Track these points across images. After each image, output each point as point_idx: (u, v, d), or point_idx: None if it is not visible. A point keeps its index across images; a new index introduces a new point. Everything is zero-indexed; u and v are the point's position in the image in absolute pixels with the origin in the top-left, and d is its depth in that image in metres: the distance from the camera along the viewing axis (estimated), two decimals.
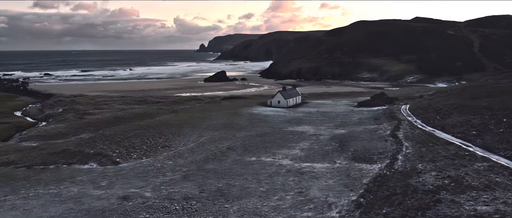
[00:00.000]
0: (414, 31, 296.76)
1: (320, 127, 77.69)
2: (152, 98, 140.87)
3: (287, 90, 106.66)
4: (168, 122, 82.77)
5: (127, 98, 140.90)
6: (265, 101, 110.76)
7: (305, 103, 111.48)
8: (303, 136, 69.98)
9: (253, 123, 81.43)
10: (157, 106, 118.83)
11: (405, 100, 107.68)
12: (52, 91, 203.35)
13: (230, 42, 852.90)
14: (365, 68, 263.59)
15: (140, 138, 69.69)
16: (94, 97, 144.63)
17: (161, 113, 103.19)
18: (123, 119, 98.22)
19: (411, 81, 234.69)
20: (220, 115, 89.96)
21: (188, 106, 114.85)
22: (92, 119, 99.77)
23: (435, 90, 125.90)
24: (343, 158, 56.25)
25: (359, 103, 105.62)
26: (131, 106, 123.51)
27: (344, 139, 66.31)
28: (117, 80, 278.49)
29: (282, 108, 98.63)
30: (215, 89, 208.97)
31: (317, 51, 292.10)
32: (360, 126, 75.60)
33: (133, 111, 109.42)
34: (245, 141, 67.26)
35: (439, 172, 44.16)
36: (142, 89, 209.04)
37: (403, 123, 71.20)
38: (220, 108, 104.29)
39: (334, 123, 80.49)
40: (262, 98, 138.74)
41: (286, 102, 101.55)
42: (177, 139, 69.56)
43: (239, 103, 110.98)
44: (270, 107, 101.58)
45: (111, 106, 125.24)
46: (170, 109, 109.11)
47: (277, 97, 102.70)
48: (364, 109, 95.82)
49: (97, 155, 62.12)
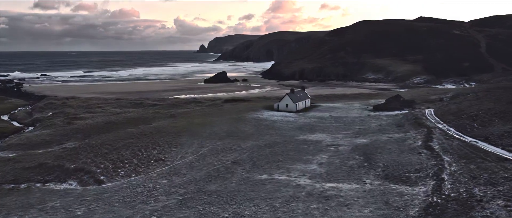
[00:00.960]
0: (419, 31, 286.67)
1: (337, 135, 67.35)
2: (149, 100, 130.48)
3: (296, 93, 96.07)
4: (164, 129, 72.38)
5: (122, 100, 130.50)
6: (271, 105, 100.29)
7: (314, 106, 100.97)
8: (320, 147, 59.64)
9: (260, 130, 71.04)
10: (153, 109, 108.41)
11: (424, 103, 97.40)
12: (46, 92, 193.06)
13: (230, 43, 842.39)
14: (369, 68, 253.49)
15: (131, 150, 59.30)
16: (88, 100, 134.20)
17: (158, 118, 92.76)
18: (115, 124, 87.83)
19: (418, 82, 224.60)
20: (223, 120, 79.55)
21: (187, 110, 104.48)
22: (81, 125, 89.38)
23: (453, 92, 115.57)
24: (373, 176, 45.92)
25: (375, 107, 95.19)
26: (125, 109, 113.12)
27: (369, 151, 56.01)
28: (115, 81, 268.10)
29: (290, 113, 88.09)
30: (215, 90, 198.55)
31: (320, 51, 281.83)
32: (383, 135, 65.29)
33: (127, 115, 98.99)
34: (253, 153, 56.90)
35: (508, 201, 33.91)
36: (139, 90, 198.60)
37: (435, 132, 60.82)
38: (222, 112, 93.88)
39: (352, 131, 70.14)
40: (267, 100, 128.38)
41: (295, 105, 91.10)
42: (173, 150, 59.15)
43: (243, 107, 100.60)
44: (277, 111, 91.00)
45: (105, 110, 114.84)
46: (168, 113, 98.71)
47: (285, 100, 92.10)
48: (382, 113, 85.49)
49: (78, 171, 51.71)
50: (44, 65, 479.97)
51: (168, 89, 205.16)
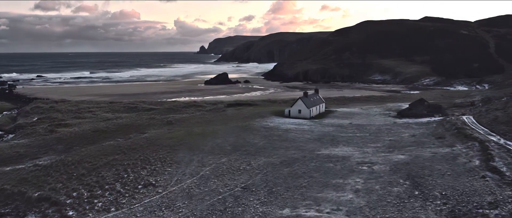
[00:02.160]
0: (426, 31, 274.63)
1: (366, 149, 54.99)
2: (145, 104, 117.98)
3: (309, 96, 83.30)
4: (158, 140, 59.95)
5: (116, 104, 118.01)
6: (280, 110, 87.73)
7: (329, 112, 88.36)
8: (349, 166, 47.28)
9: (272, 142, 58.62)
10: (148, 115, 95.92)
11: (453, 108, 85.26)
12: (39, 95, 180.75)
13: (231, 44, 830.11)
14: (376, 69, 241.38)
15: (115, 169, 46.90)
16: (79, 103, 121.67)
17: (152, 125, 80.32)
18: (103, 133, 75.42)
19: (427, 84, 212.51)
20: (227, 130, 67.08)
21: (186, 115, 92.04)
22: (65, 133, 76.88)
23: (480, 95, 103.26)
24: (433, 213, 33.55)
25: (399, 112, 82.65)
26: (118, 114, 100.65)
27: (413, 172, 43.68)
28: (113, 83, 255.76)
29: (304, 120, 75.42)
30: (216, 92, 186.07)
31: (324, 52, 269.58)
32: (422, 149, 52.93)
33: (119, 122, 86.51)
34: (268, 175, 44.56)
35: None
36: (136, 92, 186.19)
37: (492, 147, 48.47)
38: (225, 119, 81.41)
39: (382, 143, 57.78)
40: (274, 104, 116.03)
41: (309, 111, 78.54)
42: (167, 170, 46.73)
43: (249, 112, 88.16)
44: (288, 117, 78.39)
45: (95, 115, 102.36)
46: (164, 119, 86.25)
47: (297, 105, 79.39)
48: (410, 121, 73.10)
49: (41, 202, 39.25)
50: (43, 66, 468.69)
51: (166, 91, 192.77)
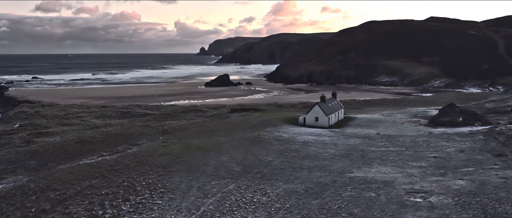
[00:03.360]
0: (433, 31, 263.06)
1: (408, 169, 43.05)
2: (140, 108, 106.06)
3: (327, 102, 71.02)
4: (149, 157, 47.95)
5: (108, 108, 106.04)
6: (292, 117, 75.54)
7: (349, 119, 76.12)
8: (397, 196, 35.27)
9: (290, 160, 46.67)
10: (142, 121, 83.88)
11: (489, 114, 73.46)
12: (30, 97, 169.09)
13: (231, 45, 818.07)
14: (382, 71, 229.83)
15: (88, 202, 34.92)
16: (67, 107, 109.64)
17: (145, 135, 68.31)
18: (87, 145, 63.45)
19: (438, 86, 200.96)
20: (233, 142, 55.06)
21: (185, 122, 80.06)
22: (43, 145, 64.88)
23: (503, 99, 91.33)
24: None
25: (431, 120, 70.34)
26: (108, 120, 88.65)
27: (489, 208, 31.72)
28: (110, 85, 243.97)
29: (322, 129, 63.28)
30: (218, 95, 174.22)
31: (328, 53, 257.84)
32: (484, 171, 41.00)
33: (107, 130, 74.49)
34: (292, 211, 32.53)
35: None
36: (133, 95, 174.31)
37: None
38: (230, 127, 69.37)
39: (426, 161, 45.80)
40: (281, 109, 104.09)
41: (327, 119, 66.30)
42: (157, 204, 34.71)
43: (256, 119, 76.14)
44: (304, 126, 66.25)
45: (83, 121, 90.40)
46: (159, 127, 74.24)
47: (314, 111, 67.00)
48: (448, 130, 61.13)
49: None
50: (42, 68, 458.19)
51: (165, 93, 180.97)
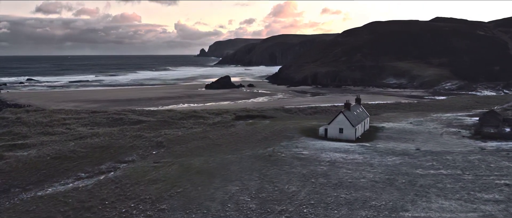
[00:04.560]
0: (441, 32, 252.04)
1: (482, 206, 31.75)
2: (134, 114, 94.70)
3: (353, 109, 59.31)
4: (134, 187, 36.56)
5: (99, 114, 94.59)
6: (308, 126, 63.95)
7: (375, 129, 64.42)
8: None
9: (320, 190, 35.39)
10: (134, 131, 72.48)
11: None
12: (20, 100, 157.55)
13: (231, 47, 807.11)
14: (390, 72, 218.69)
15: None
16: (54, 113, 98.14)
17: (135, 149, 57.00)
18: (65, 161, 52.10)
19: (450, 88, 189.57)
20: (243, 163, 43.73)
21: (183, 132, 68.74)
22: (13, 161, 53.38)
23: None
24: None
25: (477, 131, 59.02)
26: (97, 129, 77.25)
27: None
28: (107, 87, 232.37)
29: (349, 143, 51.48)
30: (219, 98, 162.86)
31: (333, 54, 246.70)
32: None
33: (93, 142, 63.14)
34: None
35: None
36: (130, 98, 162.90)
37: None
38: (236, 140, 57.99)
39: (501, 192, 34.36)
40: (291, 115, 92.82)
41: (354, 131, 54.21)
42: None
43: (266, 129, 64.80)
44: (325, 140, 54.53)
45: (69, 129, 78.91)
46: (153, 138, 62.93)
47: (338, 122, 54.49)
48: (503, 145, 49.89)
49: None
50: (39, 69, 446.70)
51: (163, 96, 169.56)
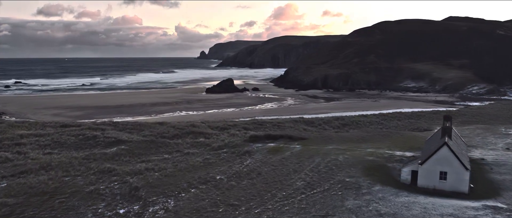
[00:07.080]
0: (459, 32, 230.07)
1: None
2: (116, 128, 71.86)
3: (454, 135, 34.31)
4: None
5: (68, 130, 71.59)
6: (370, 161, 40.87)
7: (472, 163, 41.60)
8: None
9: None
10: (105, 159, 49.55)
11: None
12: None
13: (232, 49, 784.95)
14: (407, 75, 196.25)
15: None
16: (12, 127, 75.08)
17: (94, 201, 34.31)
18: None
19: (478, 93, 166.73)
20: None
21: (174, 165, 46.02)
22: None
23: None
24: None
25: None
26: (55, 154, 54.22)
27: None
28: (98, 91, 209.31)
29: (462, 200, 27.56)
30: (222, 104, 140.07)
31: (344, 55, 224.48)
32: None
33: (36, 181, 40.31)
34: None
35: None
36: (121, 104, 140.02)
37: None
38: (260, 191, 35.31)
39: None
40: (316, 129, 70.14)
41: (467, 177, 30.33)
42: None
43: (301, 163, 42.11)
44: (415, 193, 30.30)
45: (18, 152, 55.97)
46: (126, 179, 40.18)
47: (438, 160, 29.13)
48: None
49: None
50: (34, 72, 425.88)
51: (159, 101, 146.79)
